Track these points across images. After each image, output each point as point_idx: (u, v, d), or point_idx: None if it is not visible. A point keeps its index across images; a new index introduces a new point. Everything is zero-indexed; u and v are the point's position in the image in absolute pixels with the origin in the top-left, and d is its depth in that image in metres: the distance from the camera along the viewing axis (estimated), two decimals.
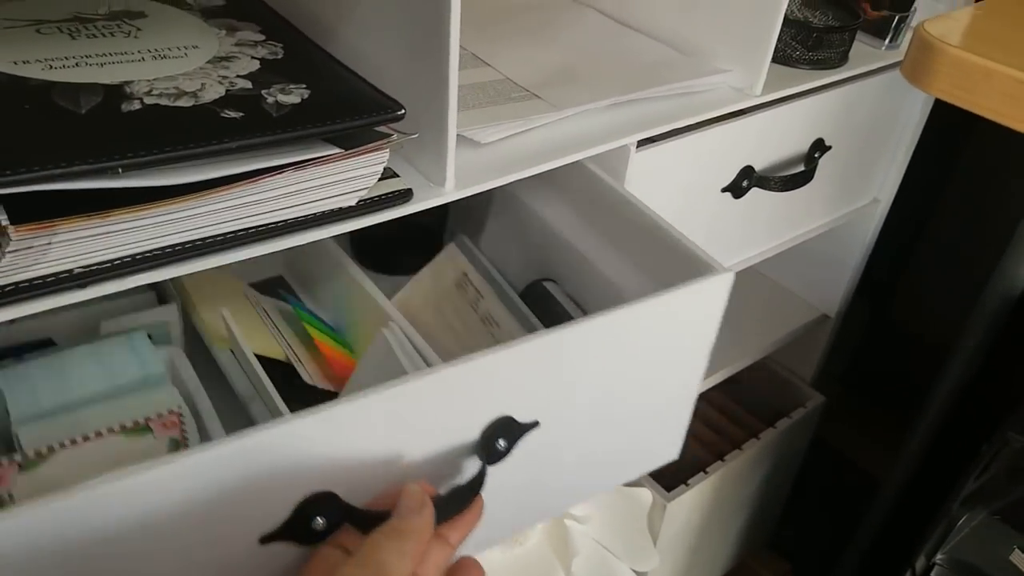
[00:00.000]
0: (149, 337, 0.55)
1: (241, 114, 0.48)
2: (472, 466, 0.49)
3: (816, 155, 0.83)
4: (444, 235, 0.83)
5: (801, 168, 0.82)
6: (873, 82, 0.86)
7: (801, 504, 1.37)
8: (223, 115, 0.47)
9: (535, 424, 0.50)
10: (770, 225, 0.88)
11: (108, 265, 0.45)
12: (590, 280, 0.67)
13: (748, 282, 0.93)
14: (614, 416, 0.58)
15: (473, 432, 0.48)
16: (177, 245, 0.47)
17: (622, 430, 0.60)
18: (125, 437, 0.42)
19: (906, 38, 0.87)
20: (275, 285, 0.76)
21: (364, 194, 0.53)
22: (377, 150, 0.52)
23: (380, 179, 0.54)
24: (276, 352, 0.62)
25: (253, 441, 0.36)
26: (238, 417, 0.58)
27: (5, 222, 0.40)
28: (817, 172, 0.84)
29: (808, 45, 0.78)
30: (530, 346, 0.47)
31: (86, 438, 0.42)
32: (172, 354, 0.56)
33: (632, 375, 0.57)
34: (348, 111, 0.51)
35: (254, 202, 0.48)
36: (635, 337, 0.54)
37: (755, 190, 0.79)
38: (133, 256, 0.45)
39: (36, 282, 0.43)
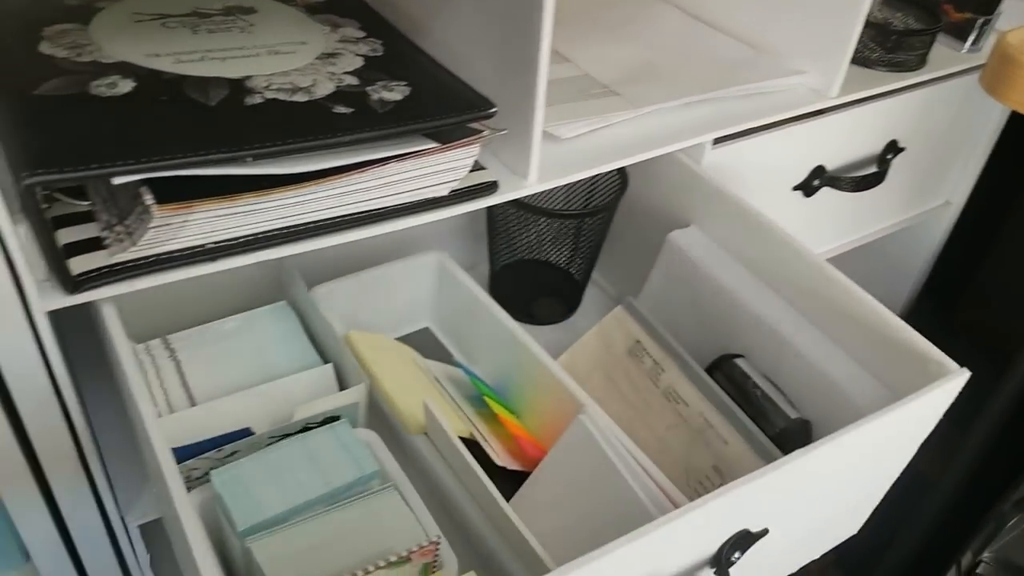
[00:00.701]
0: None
1: (351, 110, 0.53)
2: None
3: (889, 156, 0.85)
4: (583, 285, 0.84)
5: (874, 169, 0.83)
6: (952, 85, 0.87)
7: None
8: (335, 111, 0.53)
9: (765, 532, 0.50)
10: (839, 224, 0.90)
11: (235, 242, 0.51)
12: (785, 359, 0.63)
13: None
14: (827, 511, 0.60)
15: (711, 548, 0.49)
16: (295, 226, 0.52)
17: (829, 518, 0.62)
18: (388, 570, 0.46)
19: (989, 41, 0.87)
20: (422, 337, 0.76)
21: (456, 184, 0.58)
22: (470, 145, 0.56)
23: (470, 171, 0.59)
24: (460, 430, 0.62)
25: None
26: (429, 500, 0.58)
27: (150, 201, 0.46)
28: (889, 172, 0.85)
29: (887, 47, 0.80)
30: (780, 472, 0.47)
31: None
32: (369, 440, 0.57)
33: (854, 475, 0.58)
34: (445, 108, 0.55)
35: (360, 190, 0.53)
36: (869, 446, 0.54)
37: (826, 189, 0.81)
38: (256, 235, 0.51)
39: (174, 254, 0.49)
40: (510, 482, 0.59)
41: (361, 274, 0.71)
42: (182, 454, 0.52)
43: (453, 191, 0.58)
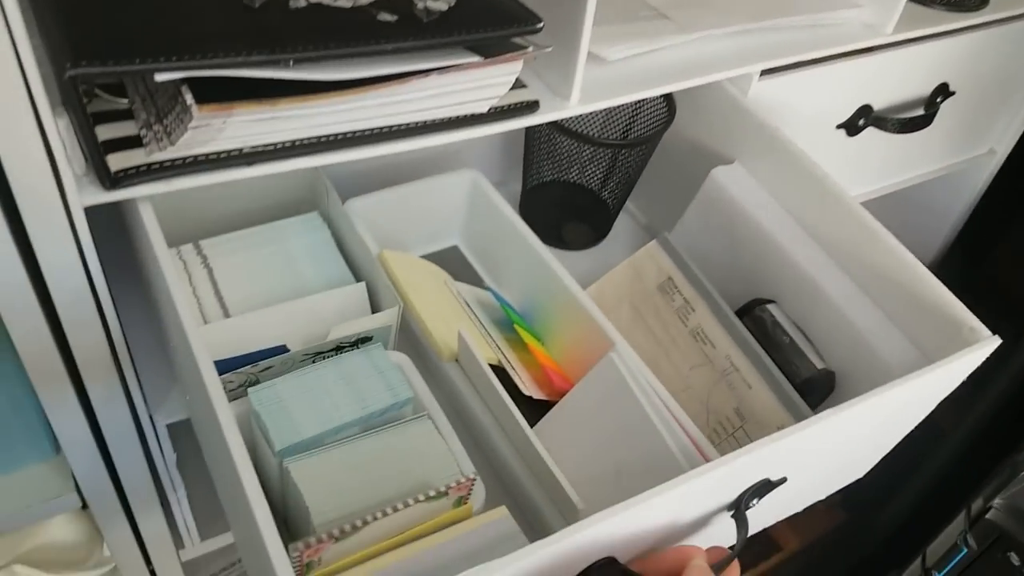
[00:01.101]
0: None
1: (395, 17, 0.51)
2: (721, 520, 0.51)
3: (938, 100, 0.82)
4: (616, 213, 0.82)
5: (921, 112, 0.81)
6: (1011, 29, 0.84)
7: None
8: (379, 18, 0.51)
9: (784, 480, 0.50)
10: (880, 166, 0.88)
11: (272, 148, 0.50)
12: (816, 307, 0.61)
13: None
14: (843, 459, 0.60)
15: (732, 495, 0.49)
16: (332, 135, 0.51)
17: (842, 465, 0.62)
18: (426, 504, 0.46)
19: None
20: (451, 256, 0.75)
21: (495, 102, 0.56)
22: (512, 60, 0.55)
23: (511, 89, 0.57)
24: (489, 357, 0.61)
25: (570, 540, 0.39)
26: (456, 422, 0.57)
27: (190, 101, 0.46)
28: (936, 117, 0.83)
29: None
30: (809, 432, 0.47)
31: (395, 509, 0.45)
32: (401, 363, 0.56)
33: (874, 430, 0.57)
34: (491, 21, 0.54)
35: (400, 101, 0.52)
36: (895, 405, 0.53)
37: (870, 129, 0.79)
38: (293, 142, 0.50)
39: (211, 156, 0.49)
40: (535, 412, 0.60)
41: (394, 189, 0.71)
42: (219, 368, 0.52)
43: (493, 108, 0.57)
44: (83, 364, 0.52)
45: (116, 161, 0.47)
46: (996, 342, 0.52)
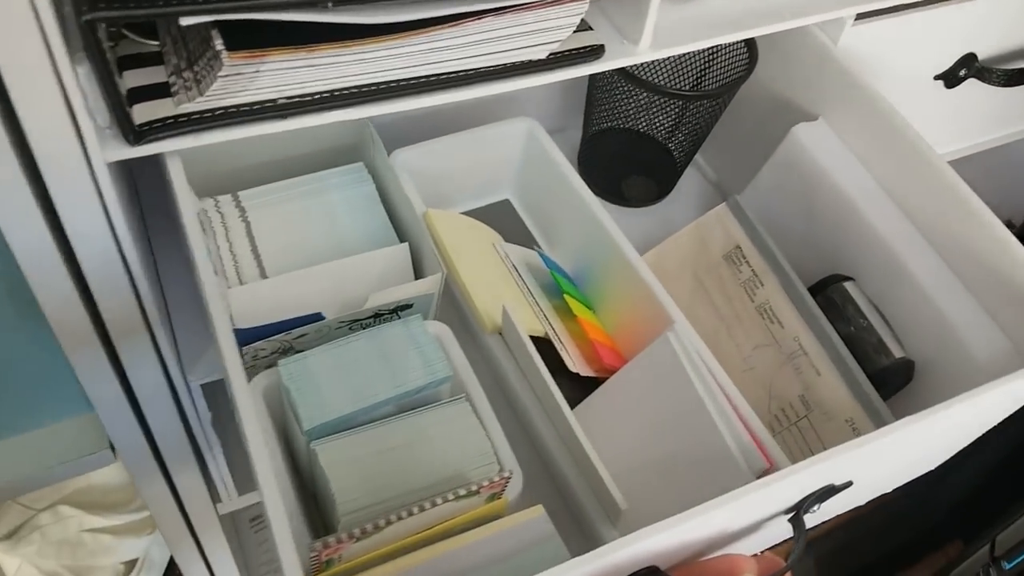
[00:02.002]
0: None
1: None
2: (777, 523, 0.47)
3: None
4: (683, 168, 0.76)
5: None
6: None
7: None
8: None
9: (849, 484, 0.47)
10: (979, 121, 0.80)
11: (309, 98, 0.46)
12: (899, 288, 0.55)
13: None
14: (915, 456, 0.55)
15: (792, 500, 0.45)
16: (376, 84, 0.47)
17: (913, 462, 0.57)
18: (455, 502, 0.43)
19: None
20: (501, 211, 0.71)
21: (556, 47, 0.51)
22: (576, 0, 0.49)
23: (575, 31, 0.52)
24: (536, 329, 0.58)
25: (611, 558, 0.36)
26: (497, 400, 0.55)
27: (220, 47, 0.41)
28: None
29: None
30: (887, 440, 0.42)
31: (422, 508, 0.41)
32: (441, 334, 0.53)
33: (956, 429, 0.53)
34: None
35: (450, 47, 0.47)
36: (983, 407, 0.48)
37: (971, 81, 0.71)
38: (332, 92, 0.46)
39: (243, 108, 0.45)
40: (584, 388, 0.56)
41: (443, 139, 0.66)
42: (250, 335, 0.49)
43: (552, 54, 0.51)
44: (112, 326, 0.50)
45: (142, 113, 0.44)
46: None
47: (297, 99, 0.45)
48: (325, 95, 0.46)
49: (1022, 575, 0.82)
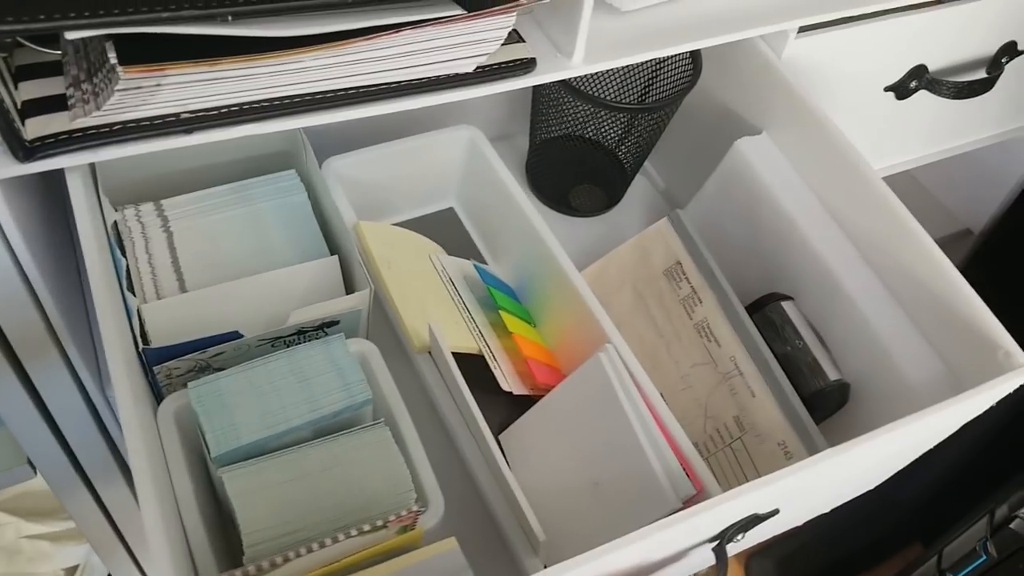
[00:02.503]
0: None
1: None
2: (699, 551, 0.46)
3: (1004, 60, 0.72)
4: (631, 177, 0.74)
5: (982, 74, 0.71)
6: None
7: None
8: None
9: (775, 512, 0.46)
10: (931, 131, 0.79)
11: (215, 112, 0.44)
12: (836, 308, 0.54)
13: (890, 180, 0.84)
14: (847, 483, 0.54)
15: (715, 530, 0.44)
16: (285, 98, 0.45)
17: (845, 488, 0.56)
18: (363, 537, 0.41)
19: None
20: (445, 220, 0.69)
21: (483, 60, 0.49)
22: (504, 13, 0.47)
23: (505, 43, 0.50)
24: (470, 346, 0.56)
25: None
26: (426, 417, 0.54)
27: (114, 60, 0.39)
28: (1000, 79, 0.73)
29: None
30: (813, 470, 0.41)
31: (321, 546, 0.40)
32: (367, 354, 0.51)
33: (889, 455, 0.52)
34: None
35: (367, 60, 0.45)
36: (916, 434, 0.47)
37: (923, 93, 0.70)
38: (240, 105, 0.44)
39: (143, 123, 0.43)
40: (522, 407, 0.54)
41: (379, 147, 0.64)
42: (161, 355, 0.47)
43: (481, 67, 0.49)
44: (16, 343, 0.48)
45: (35, 127, 0.42)
46: None
47: (202, 113, 0.43)
48: (233, 108, 0.44)
49: None
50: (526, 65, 0.51)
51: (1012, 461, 0.92)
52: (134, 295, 0.51)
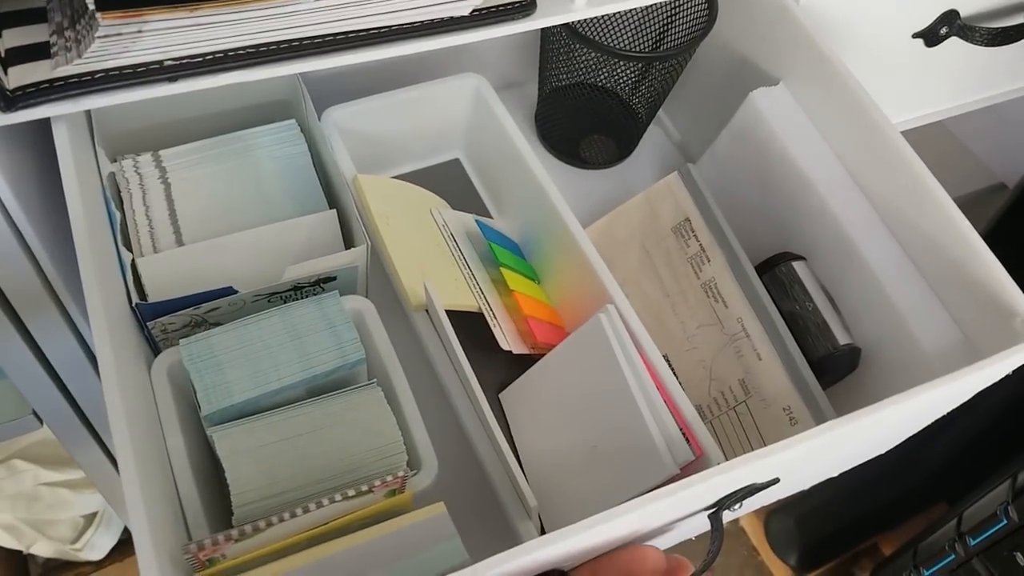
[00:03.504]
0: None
1: None
2: (694, 519, 0.45)
3: None
4: (644, 127, 0.71)
5: (1020, 19, 0.67)
6: None
7: None
8: None
9: (775, 481, 0.44)
10: (963, 81, 0.75)
11: (199, 59, 0.42)
12: (849, 270, 0.52)
13: (922, 132, 0.80)
14: (853, 452, 0.53)
15: (712, 499, 0.43)
16: (272, 44, 0.43)
17: (852, 454, 0.54)
18: (350, 501, 0.40)
19: None
20: (452, 170, 0.67)
21: (480, 2, 0.47)
22: None
23: None
24: (469, 302, 0.55)
25: (514, 564, 0.34)
26: (424, 377, 0.52)
27: (92, 6, 0.38)
28: None
29: None
30: (820, 440, 0.39)
31: (307, 510, 0.39)
32: (363, 311, 0.50)
33: (899, 424, 0.50)
34: None
35: (355, 3, 0.44)
36: (927, 404, 0.45)
37: (953, 39, 0.66)
38: (225, 52, 0.43)
39: (126, 71, 0.41)
40: (524, 366, 0.53)
41: (381, 96, 0.62)
42: (154, 310, 0.47)
43: (477, 10, 0.47)
44: (13, 297, 0.48)
45: (17, 76, 0.41)
46: None
47: (186, 60, 0.42)
48: (217, 55, 0.43)
49: (988, 551, 0.80)
50: (526, 7, 0.49)
51: None
52: (129, 250, 0.50)
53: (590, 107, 0.72)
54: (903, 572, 0.96)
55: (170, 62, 0.42)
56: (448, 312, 0.52)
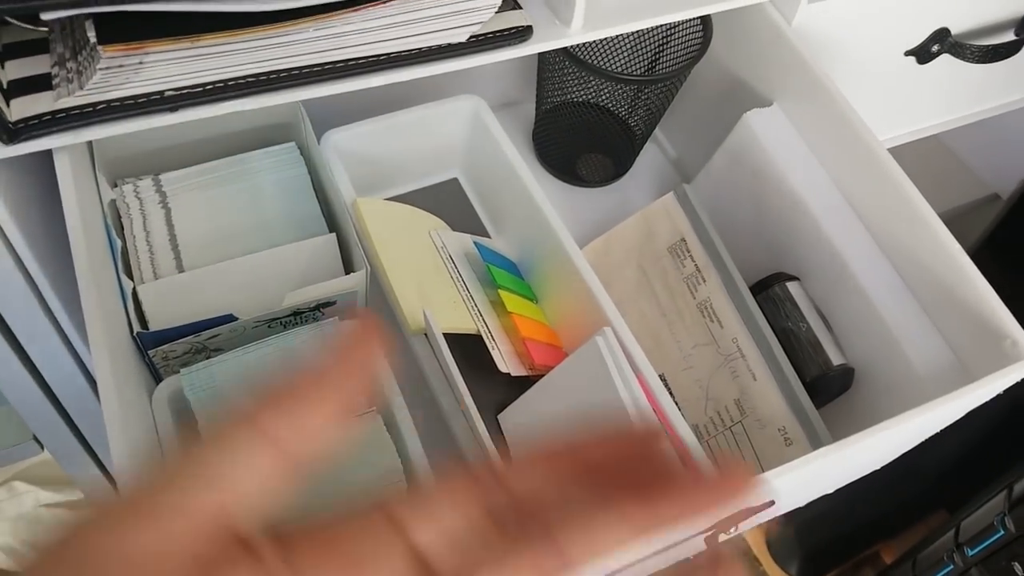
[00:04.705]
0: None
1: None
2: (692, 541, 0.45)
3: None
4: (640, 145, 0.72)
5: (1010, 36, 0.68)
6: None
7: None
8: None
9: (771, 503, 0.44)
10: (955, 96, 0.76)
11: (200, 89, 0.43)
12: (843, 291, 0.52)
13: (917, 145, 0.81)
14: (848, 468, 0.53)
15: (709, 522, 0.43)
16: (272, 73, 0.44)
17: (845, 472, 0.55)
18: None
19: None
20: (450, 189, 0.68)
21: (477, 29, 0.48)
22: None
23: (500, 11, 0.48)
24: (467, 325, 0.55)
25: None
26: (426, 404, 0.53)
27: (93, 39, 0.39)
28: None
29: None
30: (815, 465, 0.40)
31: None
32: None
33: (893, 446, 0.51)
34: None
35: (354, 32, 0.44)
36: (920, 427, 0.46)
37: (945, 57, 0.67)
38: (226, 81, 0.43)
39: (127, 101, 0.42)
40: (523, 389, 0.54)
41: (380, 119, 0.63)
42: (155, 339, 0.47)
43: (474, 36, 0.48)
44: (15, 324, 0.48)
45: (20, 107, 0.41)
46: None
47: (186, 90, 0.43)
48: (218, 85, 0.43)
49: (986, 561, 0.80)
50: (522, 33, 0.49)
51: None
52: (130, 277, 0.51)
53: (587, 126, 0.72)
54: None
55: (171, 92, 0.42)
56: (448, 334, 0.53)
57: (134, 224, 0.55)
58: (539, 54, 0.67)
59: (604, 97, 0.70)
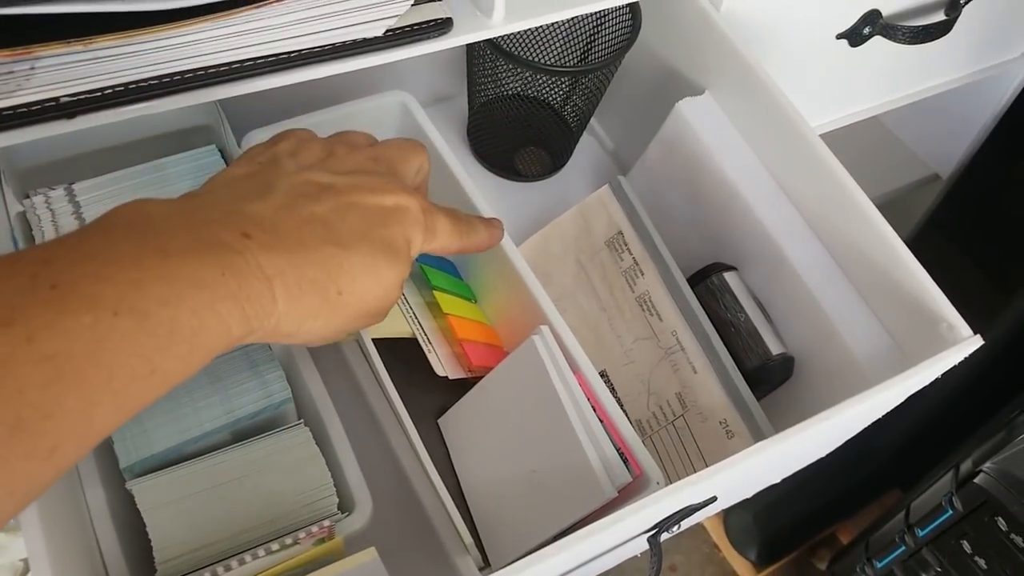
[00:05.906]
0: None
1: None
2: (634, 542, 0.45)
3: (962, 1, 0.69)
4: (577, 137, 0.71)
5: (940, 16, 0.68)
6: None
7: None
8: None
9: (712, 499, 0.44)
10: (890, 78, 0.76)
11: (98, 94, 0.40)
12: (779, 279, 0.52)
13: (855, 127, 0.81)
14: (789, 459, 0.53)
15: (650, 523, 0.43)
16: (175, 74, 0.42)
17: (787, 463, 0.55)
18: (277, 554, 0.39)
19: None
20: None
21: (393, 23, 0.46)
22: None
23: (417, 3, 0.47)
24: (402, 328, 0.53)
25: None
26: (361, 414, 0.52)
27: None
28: (957, 22, 0.70)
29: None
30: (757, 459, 0.40)
31: (228, 568, 0.38)
32: (289, 345, 0.48)
33: (834, 433, 0.50)
34: None
35: (258, 30, 0.42)
36: (860, 414, 0.45)
37: (877, 39, 0.67)
38: (126, 85, 0.41)
39: (20, 109, 0.39)
40: (465, 390, 0.52)
41: (304, 118, 0.60)
42: None
43: (391, 30, 0.46)
44: None
45: None
46: (976, 343, 0.43)
47: (83, 96, 0.40)
48: (117, 89, 0.41)
49: (936, 540, 0.81)
50: (441, 25, 0.48)
51: (984, 411, 0.91)
52: None
53: (522, 119, 0.71)
54: (857, 565, 0.97)
55: (67, 99, 0.40)
56: (385, 340, 0.51)
57: (46, 237, 0.52)
58: (467, 47, 0.65)
59: (538, 89, 0.69)
